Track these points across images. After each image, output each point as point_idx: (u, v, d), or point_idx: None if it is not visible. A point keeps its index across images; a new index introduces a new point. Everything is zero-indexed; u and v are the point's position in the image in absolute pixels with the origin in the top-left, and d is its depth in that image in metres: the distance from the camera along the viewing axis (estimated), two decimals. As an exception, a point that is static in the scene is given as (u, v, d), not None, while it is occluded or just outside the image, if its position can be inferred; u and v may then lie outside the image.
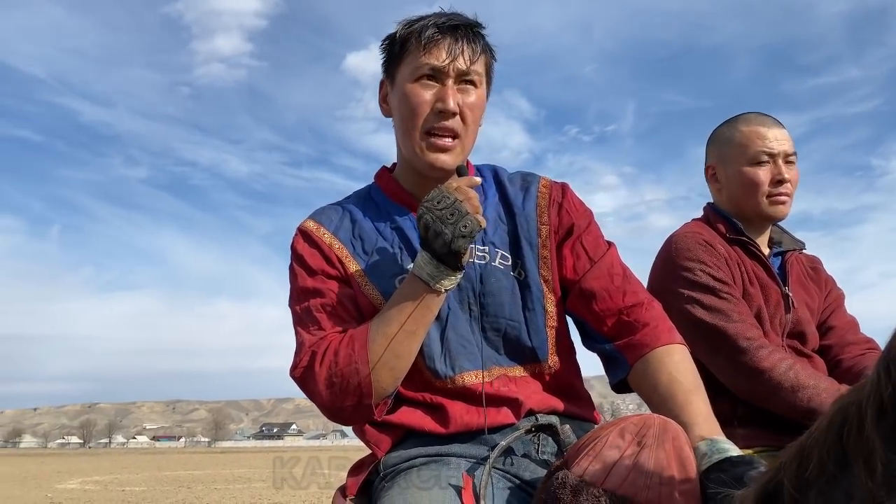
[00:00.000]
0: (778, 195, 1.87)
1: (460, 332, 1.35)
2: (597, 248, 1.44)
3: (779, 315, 1.85)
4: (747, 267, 1.87)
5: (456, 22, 1.37)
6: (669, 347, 1.32)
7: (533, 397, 1.33)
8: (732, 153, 1.91)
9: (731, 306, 1.75)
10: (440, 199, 1.24)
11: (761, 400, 1.70)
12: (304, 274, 1.39)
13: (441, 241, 1.22)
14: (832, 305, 1.99)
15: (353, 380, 1.25)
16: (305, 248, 1.41)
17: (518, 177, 1.51)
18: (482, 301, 1.36)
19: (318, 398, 1.29)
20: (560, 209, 1.45)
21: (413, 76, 1.36)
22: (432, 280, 1.25)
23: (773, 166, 1.86)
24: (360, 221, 1.44)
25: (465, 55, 1.35)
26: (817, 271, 2.02)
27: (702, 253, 1.82)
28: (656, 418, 1.09)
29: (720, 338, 1.71)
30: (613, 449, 1.05)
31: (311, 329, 1.34)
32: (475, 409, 1.30)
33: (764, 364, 1.67)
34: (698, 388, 1.27)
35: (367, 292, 1.36)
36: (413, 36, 1.36)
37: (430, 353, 1.33)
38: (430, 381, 1.33)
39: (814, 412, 1.60)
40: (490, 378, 1.33)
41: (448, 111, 1.34)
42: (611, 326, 1.37)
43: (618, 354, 1.36)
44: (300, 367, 1.30)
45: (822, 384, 1.65)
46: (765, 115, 1.92)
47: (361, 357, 1.25)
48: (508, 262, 1.40)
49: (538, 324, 1.37)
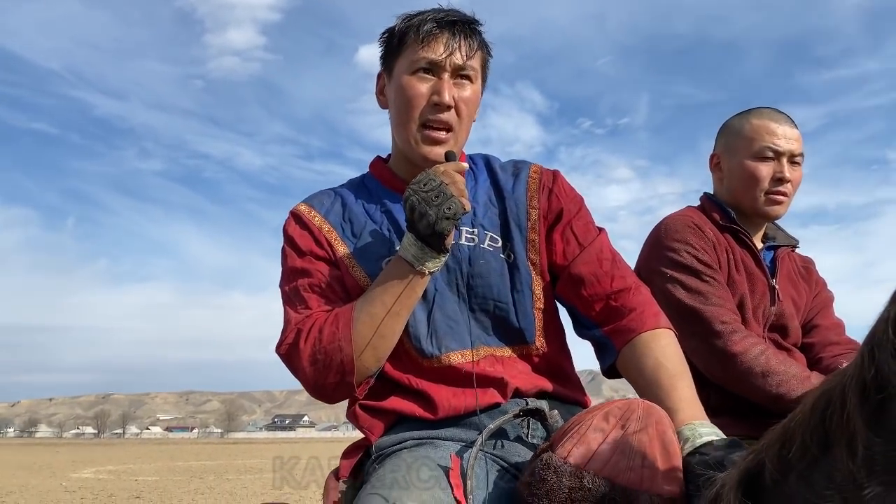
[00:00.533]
0: (776, 193, 1.86)
1: (448, 312, 1.37)
2: (587, 233, 1.45)
3: (763, 306, 1.86)
4: (736, 254, 1.87)
5: (454, 17, 1.39)
6: (656, 332, 1.33)
7: (519, 377, 1.35)
8: (739, 145, 1.90)
9: (712, 289, 1.75)
10: (426, 182, 1.26)
11: (732, 384, 1.71)
12: (293, 255, 1.43)
13: (425, 223, 1.24)
14: (819, 305, 1.99)
15: (335, 357, 1.28)
16: (296, 230, 1.45)
17: (510, 164, 1.53)
18: (470, 282, 1.38)
19: (301, 374, 1.32)
20: (550, 194, 1.47)
21: (410, 69, 1.38)
22: (416, 262, 1.28)
23: (777, 164, 1.85)
24: (350, 205, 1.47)
25: (462, 50, 1.38)
26: (809, 271, 2.03)
27: (689, 235, 1.82)
28: (640, 402, 1.11)
29: (696, 320, 1.71)
30: (597, 432, 1.07)
31: (297, 308, 1.37)
32: (461, 392, 1.33)
33: (736, 348, 1.68)
34: (684, 372, 1.28)
35: (355, 274, 1.39)
36: (412, 30, 1.38)
37: (417, 332, 1.35)
38: (416, 361, 1.36)
39: (782, 398, 1.62)
40: (477, 357, 1.35)
41: (443, 104, 1.36)
42: (599, 311, 1.39)
43: (606, 340, 1.37)
44: (285, 343, 1.34)
45: (792, 370, 1.66)
46: (779, 111, 1.91)
47: (345, 335, 1.28)
48: (498, 245, 1.42)
49: (526, 305, 1.39)
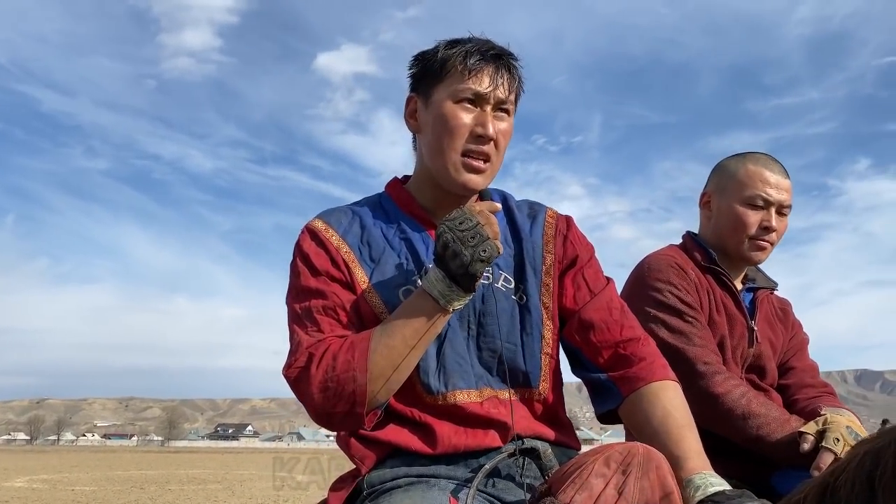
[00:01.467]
0: (761, 240, 1.91)
1: (457, 349, 1.35)
2: (597, 281, 1.48)
3: (741, 347, 1.90)
4: (717, 296, 1.91)
5: (498, 51, 1.41)
6: (664, 383, 1.36)
7: (521, 422, 1.34)
8: (731, 187, 1.94)
9: (695, 330, 1.79)
10: (462, 220, 1.24)
11: (712, 425, 1.71)
12: (307, 273, 1.38)
13: (458, 262, 1.22)
14: (795, 347, 2.04)
15: (348, 387, 1.24)
16: (312, 247, 1.40)
17: (525, 204, 1.54)
18: (481, 321, 1.37)
19: (308, 400, 1.27)
20: (565, 240, 1.49)
21: (455, 98, 1.38)
22: (442, 298, 1.26)
23: (766, 213, 1.90)
24: (369, 228, 1.44)
25: (505, 85, 1.39)
26: (786, 314, 2.08)
27: (672, 275, 1.86)
28: (640, 447, 1.11)
29: (679, 360, 1.72)
30: (599, 477, 1.07)
31: (309, 329, 1.33)
32: (463, 431, 1.31)
33: (718, 389, 1.71)
34: (692, 424, 1.30)
35: (371, 300, 1.36)
36: (456, 59, 1.38)
37: (426, 367, 1.33)
38: (420, 396, 1.34)
39: (762, 440, 1.66)
40: (481, 399, 1.34)
41: (488, 136, 1.37)
42: (607, 358, 1.40)
43: (611, 385, 1.38)
44: (295, 366, 1.29)
45: (773, 413, 1.69)
46: (775, 160, 1.95)
47: (360, 365, 1.25)
48: (511, 286, 1.42)
49: (534, 349, 1.39)
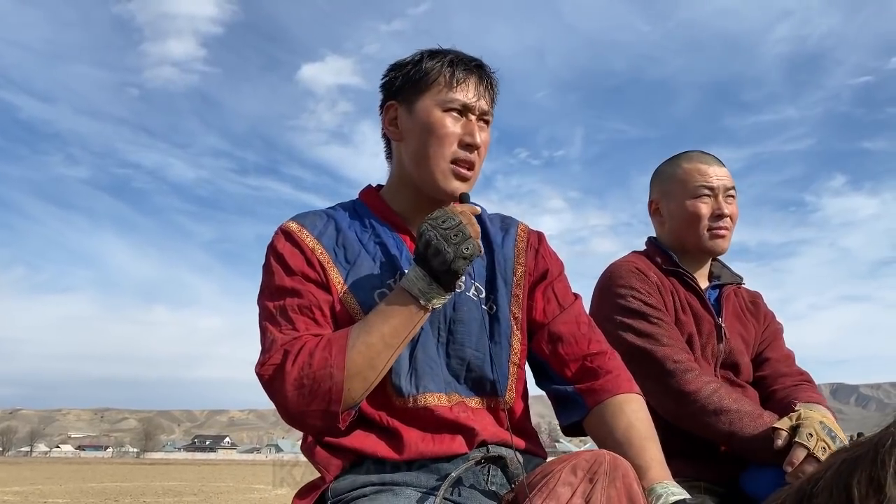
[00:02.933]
0: (718, 229, 1.94)
1: (429, 353, 1.36)
2: (567, 295, 1.51)
3: (711, 344, 1.91)
4: (681, 296, 1.93)
5: (478, 63, 1.46)
6: (629, 396, 1.38)
7: (488, 429, 1.35)
8: (674, 188, 1.99)
9: (662, 331, 1.81)
10: (445, 219, 1.26)
11: (685, 422, 1.74)
12: (281, 272, 1.38)
13: (441, 259, 1.24)
14: (769, 338, 2.05)
15: (324, 384, 1.23)
16: (286, 248, 1.40)
17: (497, 218, 1.57)
18: (451, 328, 1.38)
19: (282, 399, 1.25)
20: (537, 254, 1.53)
21: (443, 107, 1.41)
22: (423, 297, 1.27)
23: (714, 201, 1.94)
24: (344, 231, 1.45)
25: (488, 95, 1.45)
26: (757, 305, 2.09)
27: (634, 280, 1.88)
28: (606, 454, 1.12)
29: (649, 361, 1.76)
30: (566, 486, 1.08)
31: (283, 328, 1.32)
32: (430, 437, 1.32)
33: (690, 387, 1.72)
34: (654, 436, 1.33)
35: (346, 301, 1.36)
36: (442, 69, 1.42)
37: (398, 369, 1.32)
38: (390, 399, 1.33)
39: (735, 435, 1.67)
40: (450, 403, 1.34)
41: (476, 145, 1.42)
42: (574, 370, 1.42)
43: (577, 397, 1.41)
44: (269, 364, 1.27)
45: (745, 409, 1.70)
46: (705, 153, 2.01)
47: (338, 362, 1.24)
48: (482, 295, 1.43)
49: (502, 358, 1.40)
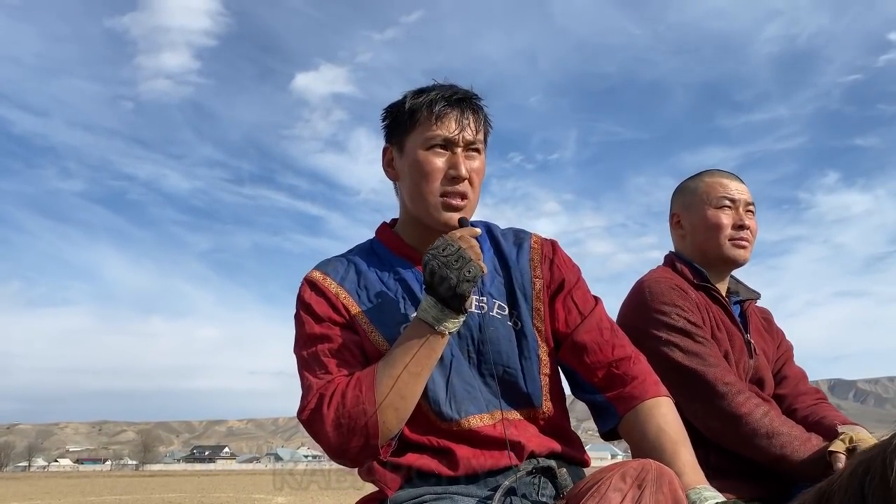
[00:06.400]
0: (739, 239, 1.98)
1: (464, 377, 1.43)
2: (586, 302, 1.55)
3: (743, 361, 1.93)
4: (714, 313, 1.95)
5: (461, 95, 1.50)
6: (657, 400, 1.43)
7: (533, 440, 1.42)
8: (696, 200, 2.03)
9: (707, 350, 1.82)
10: (445, 247, 1.33)
11: (736, 445, 1.75)
12: (310, 321, 1.46)
13: (446, 286, 1.31)
14: (784, 356, 2.10)
15: (360, 421, 1.31)
16: (312, 297, 1.49)
17: (510, 233, 1.62)
18: (481, 348, 1.45)
19: (324, 439, 1.34)
20: (552, 265, 1.57)
21: (426, 145, 1.47)
22: (437, 323, 1.34)
23: (735, 213, 1.99)
24: (364, 272, 1.52)
25: (472, 126, 1.49)
26: (769, 322, 2.14)
27: (676, 297, 1.89)
28: (653, 463, 1.18)
29: (698, 382, 1.77)
30: (616, 492, 1.14)
31: (317, 373, 1.40)
32: (480, 453, 1.38)
33: (742, 409, 1.73)
34: (685, 439, 1.38)
35: (374, 339, 1.44)
36: (423, 108, 1.47)
37: (436, 397, 1.40)
38: (435, 423, 1.40)
39: (786, 458, 1.68)
40: (493, 421, 1.41)
41: (461, 177, 1.46)
42: (601, 378, 1.48)
43: (608, 406, 1.46)
44: (308, 409, 1.36)
45: (795, 432, 1.72)
46: (727, 171, 2.07)
47: (368, 398, 1.32)
48: (505, 312, 1.50)
49: (533, 371, 1.47)
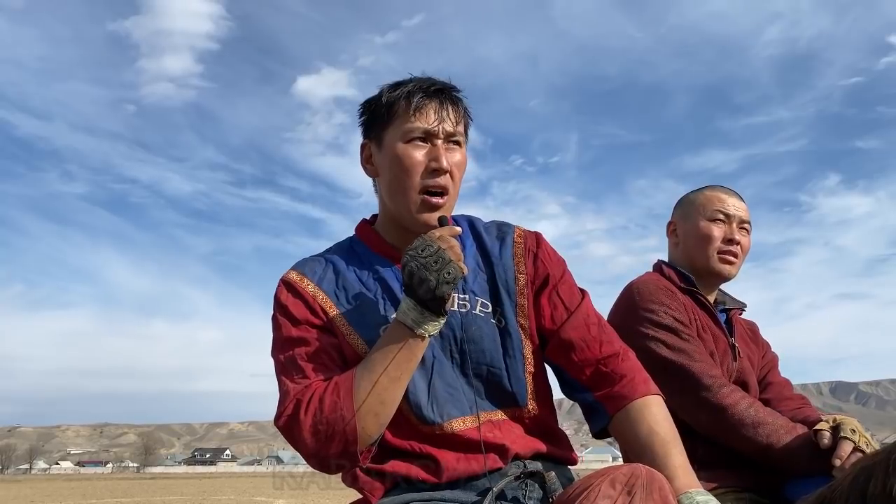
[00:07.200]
0: (727, 253, 2.04)
1: (447, 379, 1.39)
2: (572, 297, 1.52)
3: (727, 363, 2.00)
4: (699, 316, 2.02)
5: (439, 86, 1.45)
6: (647, 399, 1.40)
7: (518, 442, 1.39)
8: (693, 211, 2.11)
9: (693, 346, 1.89)
10: (424, 248, 1.29)
11: (723, 435, 1.80)
12: (287, 324, 1.42)
13: (426, 288, 1.27)
14: (768, 365, 2.18)
15: (338, 426, 1.27)
16: (289, 299, 1.44)
17: (493, 226, 1.57)
18: (464, 348, 1.41)
19: (302, 446, 1.30)
20: (536, 259, 1.52)
21: (405, 138, 1.42)
22: (416, 325, 1.30)
23: (728, 227, 2.05)
24: (343, 272, 1.48)
25: (451, 117, 1.44)
26: (755, 333, 2.22)
27: (663, 297, 1.96)
28: (643, 468, 1.16)
29: (683, 376, 1.82)
30: (605, 499, 1.11)
31: (295, 378, 1.36)
32: (465, 457, 1.35)
33: (727, 401, 1.79)
34: (675, 439, 1.35)
35: (352, 341, 1.40)
36: (401, 100, 1.42)
37: (417, 401, 1.36)
38: (418, 428, 1.37)
39: (772, 447, 1.73)
40: (476, 423, 1.37)
41: (442, 169, 1.42)
42: (589, 376, 1.44)
43: (598, 405, 1.43)
44: (285, 415, 1.32)
45: (780, 422, 1.77)
46: (729, 187, 2.13)
47: (346, 404, 1.28)
48: (489, 310, 1.45)
49: (518, 370, 1.43)
